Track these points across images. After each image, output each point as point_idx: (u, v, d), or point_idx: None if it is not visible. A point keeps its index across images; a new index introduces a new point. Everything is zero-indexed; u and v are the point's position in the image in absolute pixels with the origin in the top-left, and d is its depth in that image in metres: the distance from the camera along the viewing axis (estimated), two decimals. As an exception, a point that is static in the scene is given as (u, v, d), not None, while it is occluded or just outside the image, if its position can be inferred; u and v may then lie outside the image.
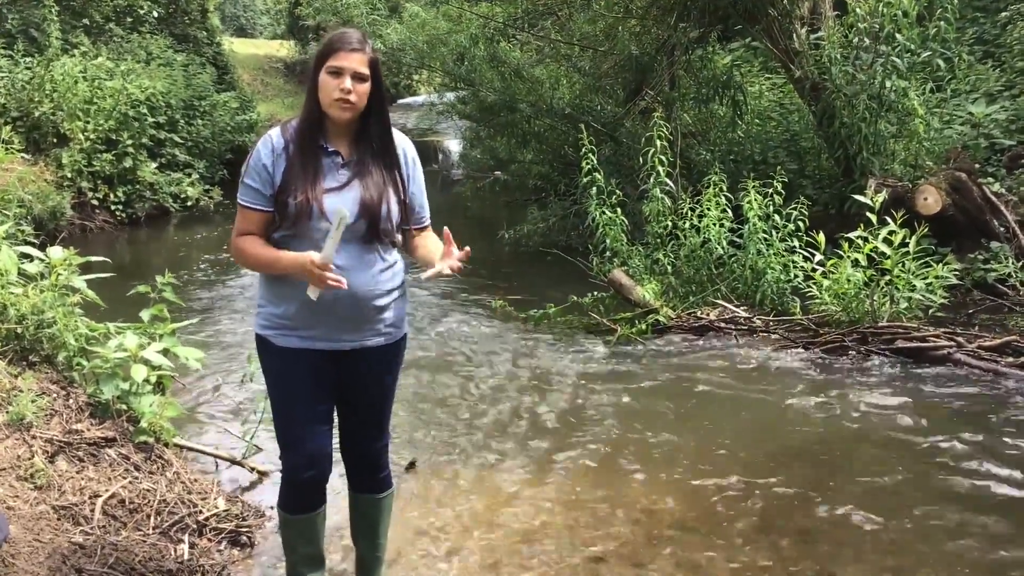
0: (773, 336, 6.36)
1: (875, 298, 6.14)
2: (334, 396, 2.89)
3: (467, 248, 2.69)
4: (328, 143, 2.74)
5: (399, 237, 2.85)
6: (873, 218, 6.03)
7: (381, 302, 2.80)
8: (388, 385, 2.97)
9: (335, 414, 2.96)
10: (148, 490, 3.66)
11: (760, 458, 4.50)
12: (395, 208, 2.78)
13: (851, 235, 6.21)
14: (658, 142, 7.29)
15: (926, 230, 6.13)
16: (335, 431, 2.97)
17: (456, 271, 2.68)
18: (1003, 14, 10.60)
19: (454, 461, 4.54)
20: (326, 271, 2.58)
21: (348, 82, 2.65)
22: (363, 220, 2.70)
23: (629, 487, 4.19)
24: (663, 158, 7.34)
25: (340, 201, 2.68)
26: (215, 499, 3.83)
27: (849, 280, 6.22)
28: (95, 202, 11.88)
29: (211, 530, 3.63)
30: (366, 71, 2.68)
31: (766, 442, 4.69)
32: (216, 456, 4.41)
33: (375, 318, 2.80)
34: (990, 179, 7.88)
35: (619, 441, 4.76)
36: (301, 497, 2.91)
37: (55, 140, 11.73)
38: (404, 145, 2.88)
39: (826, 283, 6.36)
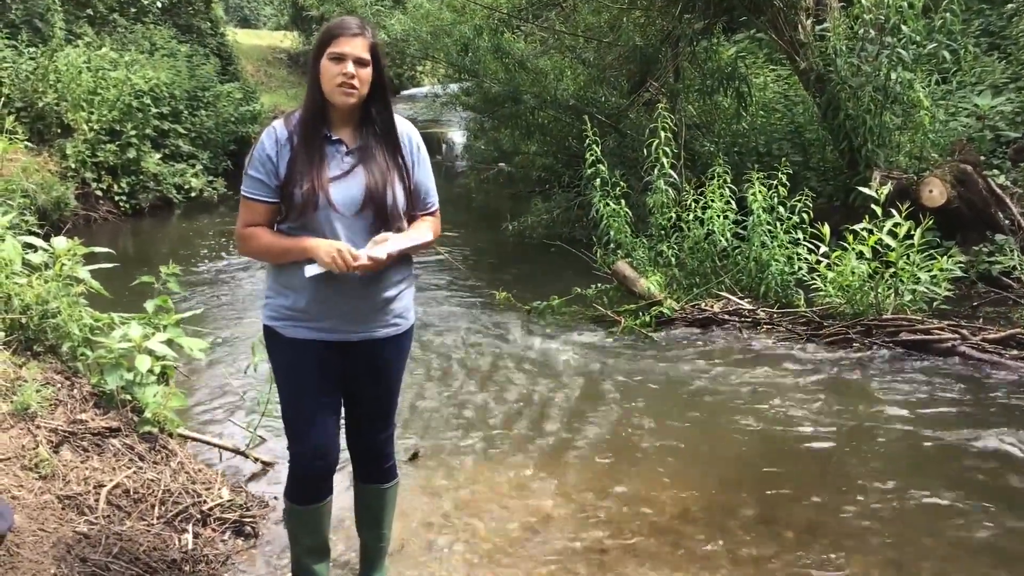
0: (777, 329, 6.35)
1: (879, 290, 6.13)
2: (341, 387, 2.89)
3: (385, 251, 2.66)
4: (332, 131, 2.74)
5: (405, 224, 2.84)
6: (878, 210, 6.01)
7: (389, 292, 2.80)
8: (395, 376, 2.97)
9: (341, 405, 2.96)
10: (152, 480, 3.66)
11: (764, 450, 4.50)
12: (400, 194, 2.77)
13: (856, 227, 6.19)
14: (662, 134, 7.27)
15: (931, 222, 6.10)
16: (341, 422, 2.97)
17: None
18: (1009, 6, 10.55)
19: (458, 452, 4.55)
20: (356, 265, 2.59)
21: (350, 67, 2.64)
22: (369, 208, 2.70)
23: (632, 478, 4.19)
24: (667, 150, 7.31)
25: (345, 189, 2.68)
26: (219, 489, 3.83)
27: (853, 272, 6.21)
28: (99, 193, 11.87)
29: (215, 520, 3.64)
30: (367, 56, 2.67)
31: (770, 434, 4.69)
32: (220, 446, 4.41)
33: (383, 309, 2.80)
34: (995, 171, 7.85)
35: (622, 433, 4.76)
36: (308, 488, 2.91)
37: (59, 130, 11.71)
38: (408, 132, 2.87)
39: (830, 275, 6.35)
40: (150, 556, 3.23)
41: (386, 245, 2.66)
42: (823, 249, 6.39)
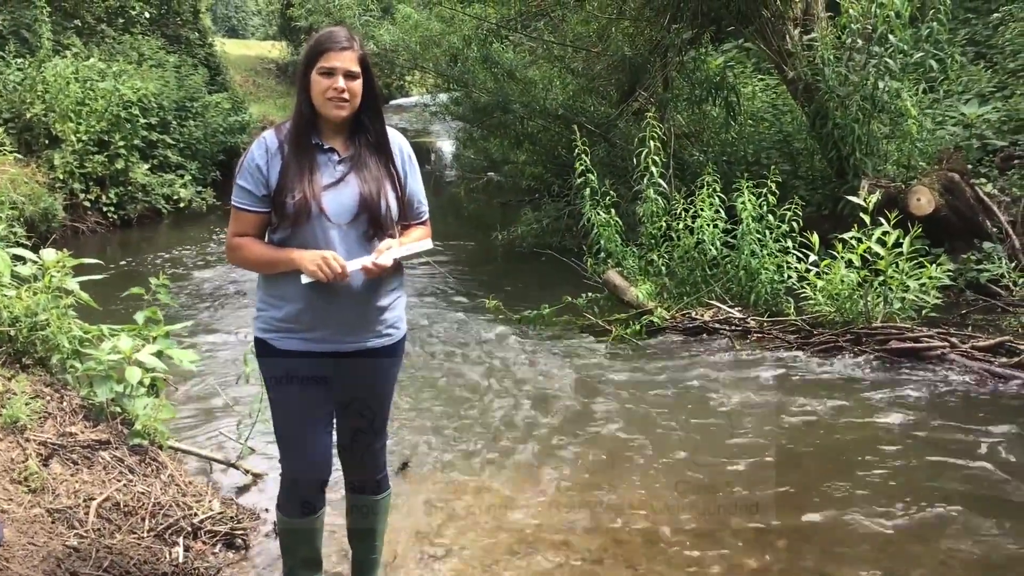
0: (767, 337, 6.36)
1: (869, 299, 6.15)
2: (333, 399, 2.88)
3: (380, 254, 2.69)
4: (323, 141, 2.74)
5: (397, 232, 2.85)
6: (866, 219, 6.04)
7: (382, 302, 2.79)
8: (387, 387, 2.96)
9: (334, 416, 2.95)
10: (142, 493, 3.64)
11: (755, 459, 4.50)
12: (393, 203, 2.77)
13: (845, 236, 6.21)
14: (651, 143, 7.30)
15: (919, 231, 6.13)
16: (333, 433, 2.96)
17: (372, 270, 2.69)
18: (995, 15, 10.65)
19: (450, 463, 4.54)
20: (342, 272, 2.59)
21: (341, 81, 2.64)
22: (363, 216, 2.70)
23: (625, 488, 4.19)
24: (657, 159, 7.34)
25: (338, 197, 2.67)
26: (210, 502, 3.82)
27: (843, 281, 6.23)
28: (87, 204, 11.83)
29: (206, 533, 3.62)
30: (357, 69, 2.68)
31: (761, 443, 4.69)
32: (210, 459, 4.39)
33: (376, 319, 2.80)
34: (982, 180, 7.89)
35: (614, 442, 4.75)
36: (301, 501, 2.90)
37: (47, 141, 11.68)
38: (399, 142, 2.88)
39: (820, 284, 6.37)
40: (141, 570, 3.21)
41: (392, 252, 2.67)
42: (812, 258, 6.41)
